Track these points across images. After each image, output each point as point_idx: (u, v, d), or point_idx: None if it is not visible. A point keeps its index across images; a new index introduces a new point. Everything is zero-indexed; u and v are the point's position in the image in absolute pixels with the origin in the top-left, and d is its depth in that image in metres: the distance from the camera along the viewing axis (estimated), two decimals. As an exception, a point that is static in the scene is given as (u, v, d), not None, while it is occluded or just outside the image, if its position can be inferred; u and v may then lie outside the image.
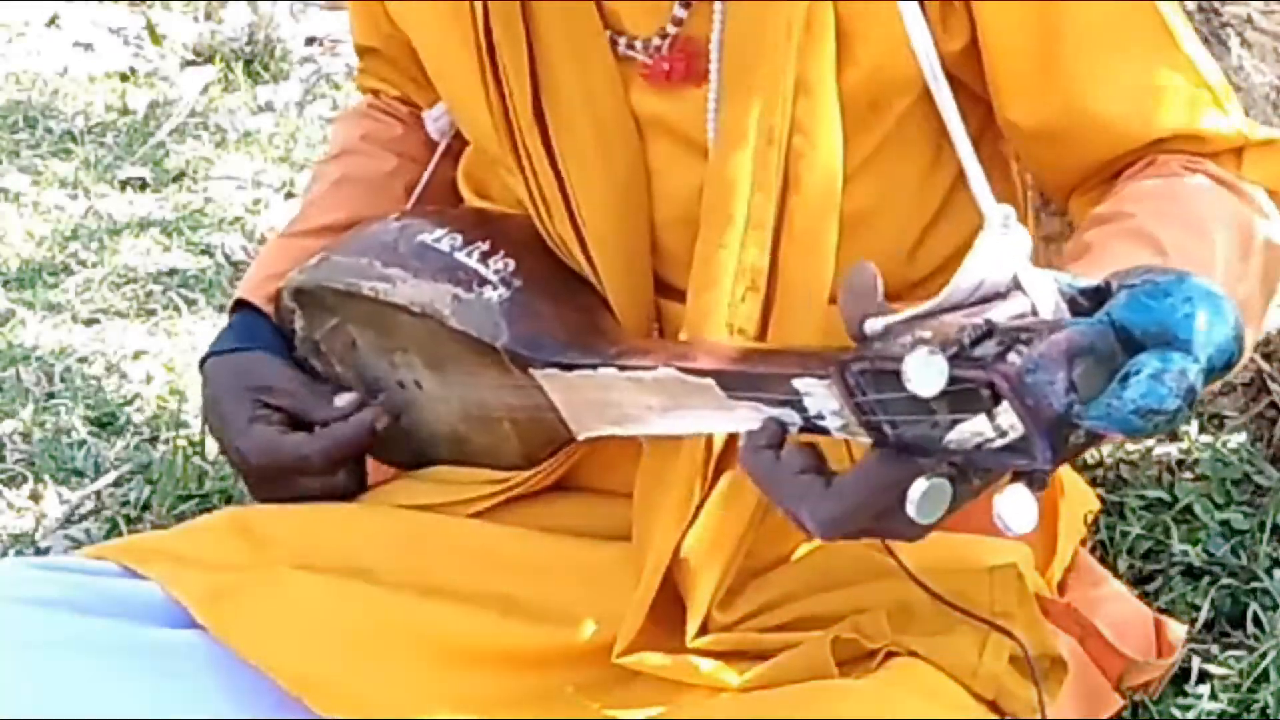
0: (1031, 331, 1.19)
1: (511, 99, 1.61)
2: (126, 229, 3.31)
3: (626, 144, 1.60)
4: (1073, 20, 1.53)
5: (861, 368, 1.27)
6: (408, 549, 1.62)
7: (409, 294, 1.62)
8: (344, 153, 1.87)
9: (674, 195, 1.59)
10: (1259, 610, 1.96)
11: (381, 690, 1.53)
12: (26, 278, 3.11)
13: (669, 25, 1.57)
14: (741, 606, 1.56)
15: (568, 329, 1.58)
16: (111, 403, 2.62)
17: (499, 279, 1.61)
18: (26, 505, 2.38)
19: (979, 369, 1.19)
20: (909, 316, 1.26)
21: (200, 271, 3.13)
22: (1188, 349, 1.16)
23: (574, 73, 1.60)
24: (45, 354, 2.77)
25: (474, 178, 1.77)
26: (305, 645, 1.54)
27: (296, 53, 4.50)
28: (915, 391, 1.19)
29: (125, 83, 4.32)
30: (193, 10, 4.78)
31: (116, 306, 2.98)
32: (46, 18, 4.71)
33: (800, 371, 1.34)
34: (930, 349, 1.19)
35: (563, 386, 1.56)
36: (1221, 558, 2.03)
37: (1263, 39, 2.21)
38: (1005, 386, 1.17)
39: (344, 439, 1.68)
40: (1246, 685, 1.85)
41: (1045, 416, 1.17)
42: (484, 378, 1.62)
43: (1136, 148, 1.56)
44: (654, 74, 1.59)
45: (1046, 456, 1.19)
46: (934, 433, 1.24)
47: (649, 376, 1.48)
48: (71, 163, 3.68)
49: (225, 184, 3.59)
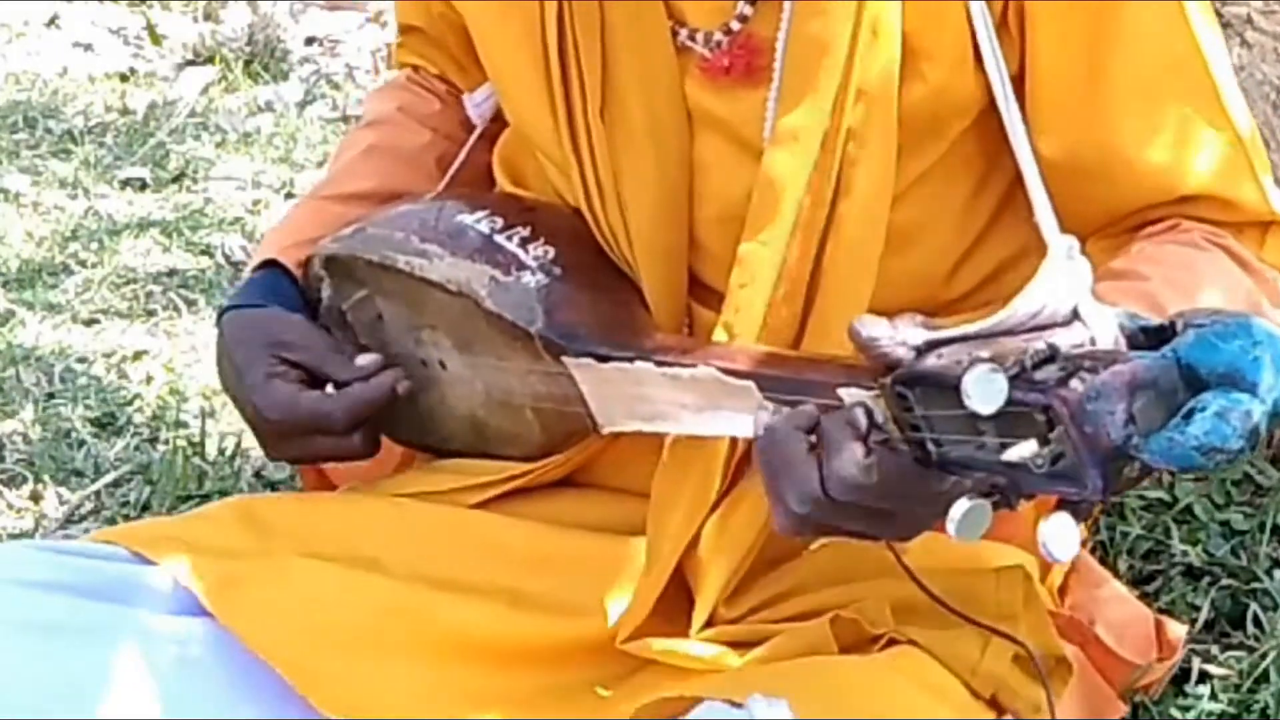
0: (1095, 360, 1.19)
1: (581, 90, 1.60)
2: (126, 229, 3.32)
3: (677, 137, 1.59)
4: (1122, 63, 1.53)
5: (911, 380, 1.27)
6: (414, 540, 1.62)
7: (445, 271, 1.61)
8: (378, 122, 1.86)
9: (719, 193, 1.59)
10: (1259, 610, 1.96)
11: (386, 687, 1.53)
12: (26, 278, 3.11)
13: (734, 21, 1.57)
14: (746, 601, 1.57)
15: (604, 321, 1.58)
16: (111, 403, 2.62)
17: (538, 265, 1.60)
18: (26, 505, 2.38)
19: (1039, 392, 1.18)
20: (961, 334, 1.26)
21: (200, 271, 3.13)
22: (1254, 390, 1.16)
23: (635, 62, 1.59)
24: (45, 354, 2.77)
25: (510, 164, 1.76)
26: (312, 639, 1.54)
27: (296, 53, 4.50)
28: (973, 408, 1.19)
29: (125, 83, 4.33)
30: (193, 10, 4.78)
31: (116, 306, 2.98)
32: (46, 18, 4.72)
33: (846, 381, 1.34)
34: (992, 366, 1.19)
35: (594, 377, 1.56)
36: (1221, 558, 2.03)
37: (1263, 39, 2.21)
38: (1064, 412, 1.17)
39: (365, 399, 1.65)
40: (1246, 685, 1.85)
41: (1101, 446, 1.17)
42: (513, 363, 1.61)
43: (1164, 201, 1.55)
44: (712, 68, 1.58)
45: (1097, 486, 1.18)
46: (978, 454, 1.24)
47: (687, 374, 1.48)
48: (71, 163, 3.68)
49: (225, 184, 3.59)
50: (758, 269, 1.53)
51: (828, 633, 1.51)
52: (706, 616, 1.55)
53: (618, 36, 1.59)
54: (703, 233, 1.60)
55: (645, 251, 1.59)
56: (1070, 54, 1.53)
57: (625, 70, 1.59)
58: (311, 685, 1.52)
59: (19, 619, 1.52)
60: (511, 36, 1.64)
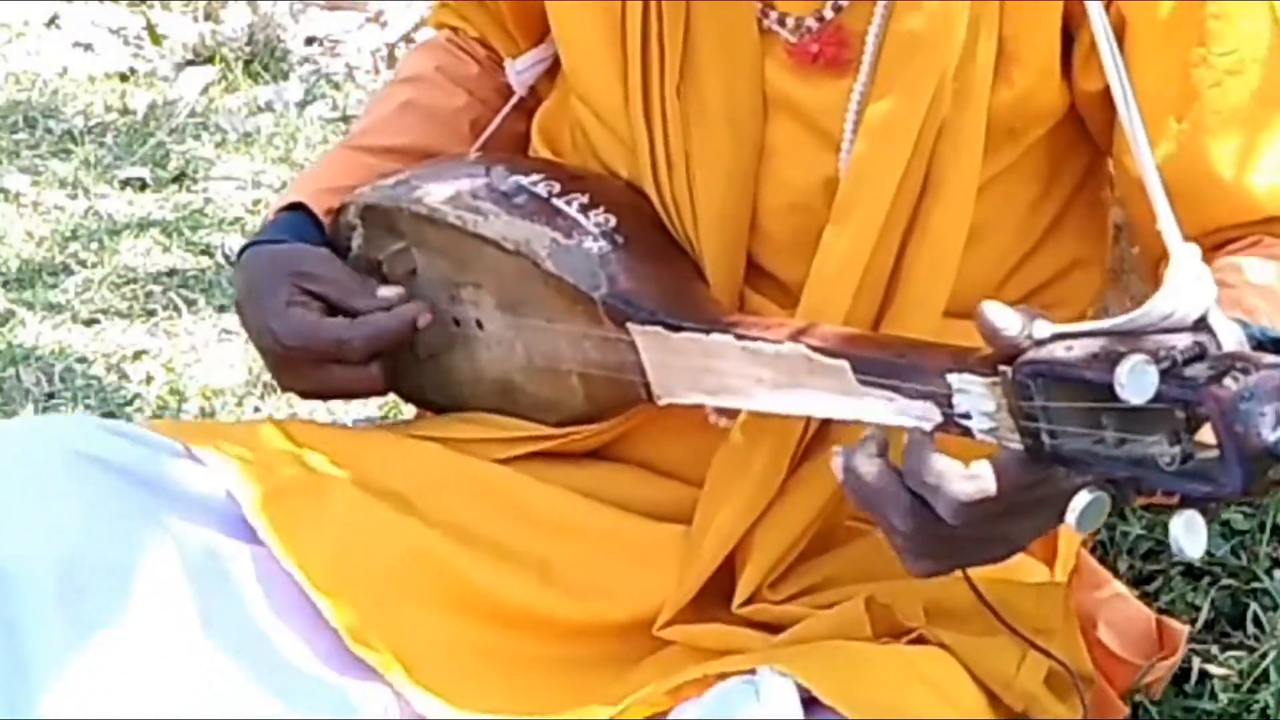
0: (1246, 361, 1.19)
1: (660, 65, 1.59)
2: (126, 229, 3.31)
3: (752, 118, 1.59)
4: (1216, 85, 1.54)
5: (1037, 371, 1.26)
6: (448, 488, 1.61)
7: (502, 229, 1.60)
8: (415, 79, 1.85)
9: (789, 180, 1.59)
10: (1259, 610, 1.96)
11: (411, 631, 1.53)
12: (26, 278, 3.11)
13: (828, 9, 1.57)
14: (788, 587, 1.57)
15: (667, 292, 1.56)
16: (111, 403, 2.62)
17: (600, 232, 1.59)
18: (26, 505, 2.38)
19: (1190, 388, 1.19)
20: (1089, 330, 1.26)
21: (200, 271, 3.13)
22: None
23: (717, 42, 1.59)
24: (45, 354, 2.77)
25: (549, 134, 1.76)
26: (345, 570, 1.54)
27: (296, 53, 4.50)
28: (1125, 398, 1.19)
29: (125, 83, 4.32)
30: (193, 10, 4.78)
31: (116, 306, 2.98)
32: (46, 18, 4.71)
33: (956, 366, 1.33)
34: (1145, 358, 1.19)
35: (660, 346, 1.54)
36: (1221, 558, 2.03)
37: (1263, 39, 2.21)
38: (1215, 409, 1.18)
39: (386, 328, 1.65)
40: (1246, 685, 1.85)
41: (1251, 446, 1.17)
42: (568, 326, 1.59)
43: (1249, 221, 1.56)
44: (800, 54, 1.58)
45: (1237, 486, 1.19)
46: (1096, 448, 1.24)
47: (771, 350, 1.46)
48: (71, 163, 3.68)
49: (225, 184, 3.59)
50: (843, 260, 1.53)
51: (863, 615, 1.52)
52: (749, 594, 1.56)
53: (702, 15, 1.59)
54: (767, 217, 1.60)
55: (710, 230, 1.59)
56: (1166, 74, 1.54)
57: (706, 49, 1.59)
58: (341, 615, 1.53)
59: (79, 492, 1.52)
60: (587, 13, 1.64)
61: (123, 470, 1.56)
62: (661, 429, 1.62)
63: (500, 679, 1.54)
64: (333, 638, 1.53)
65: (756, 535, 1.56)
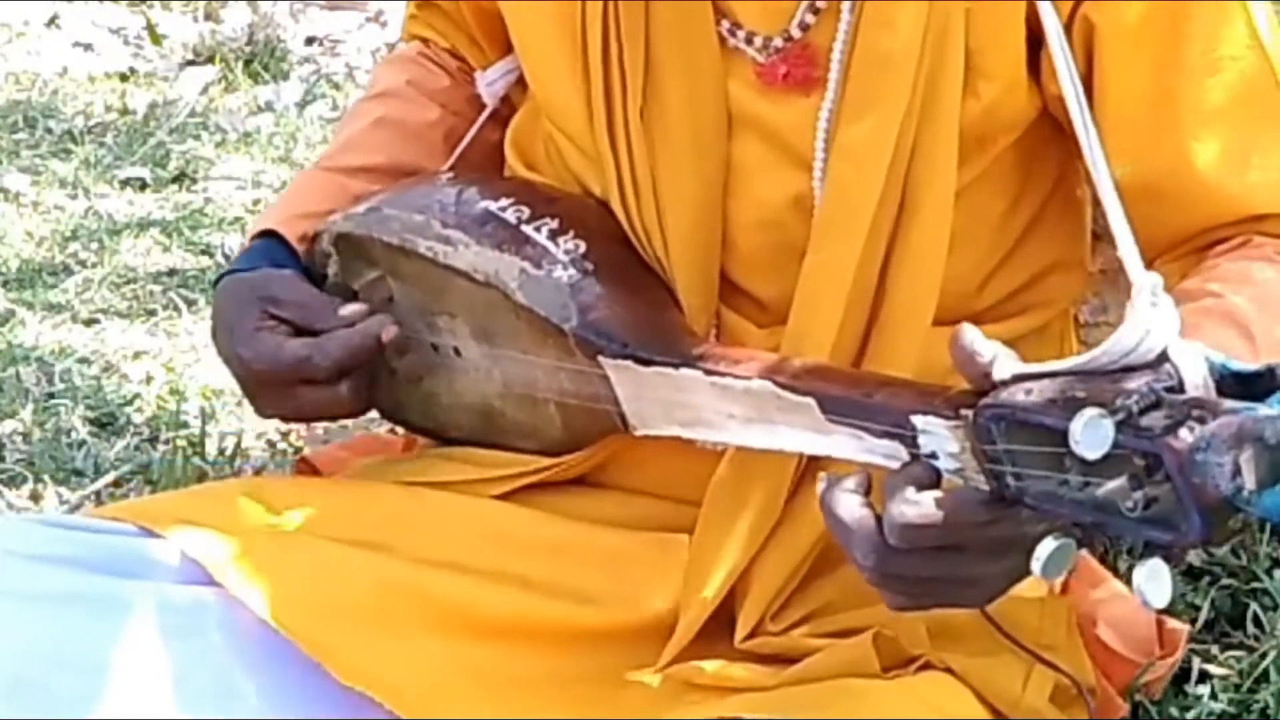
0: (1203, 409, 1.18)
1: (621, 86, 1.59)
2: (126, 229, 3.31)
3: (718, 138, 1.58)
4: (1192, 85, 1.53)
5: (998, 415, 1.25)
6: (425, 526, 1.60)
7: (472, 260, 1.59)
8: (386, 94, 1.83)
9: (759, 198, 1.58)
10: (1259, 610, 1.96)
11: (399, 659, 1.52)
12: (26, 278, 3.11)
13: (795, 29, 1.56)
14: (789, 616, 1.56)
15: (638, 321, 1.55)
16: (111, 403, 2.62)
17: (569, 259, 1.58)
18: (26, 505, 2.38)
19: (1146, 439, 1.18)
20: (1050, 370, 1.24)
21: (200, 271, 3.13)
22: None
23: (679, 62, 1.58)
24: (45, 354, 2.77)
25: (522, 146, 1.74)
26: (322, 610, 1.52)
27: (296, 53, 4.50)
28: (1081, 454, 1.17)
29: (125, 83, 4.32)
30: (193, 10, 4.78)
31: (116, 306, 2.98)
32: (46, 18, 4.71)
33: (923, 408, 1.32)
34: (1101, 412, 1.18)
35: (632, 379, 1.54)
36: (1221, 558, 2.03)
37: (1263, 39, 2.21)
38: (1173, 461, 1.16)
39: (349, 344, 1.63)
40: (1246, 685, 1.85)
41: (1209, 497, 1.16)
42: (540, 357, 1.58)
43: (1233, 221, 1.55)
44: (768, 74, 1.57)
45: (1197, 535, 1.18)
46: (1060, 490, 1.23)
47: (740, 386, 1.45)
48: (71, 163, 3.68)
49: (225, 184, 3.59)
50: (827, 284, 1.52)
51: (870, 651, 1.51)
52: (750, 630, 1.55)
53: (661, 33, 1.58)
54: (738, 236, 1.59)
55: (680, 250, 1.58)
56: (1139, 77, 1.53)
57: (667, 68, 1.58)
58: (324, 653, 1.50)
59: (25, 590, 1.51)
60: (549, 28, 1.63)
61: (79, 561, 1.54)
62: (648, 453, 1.61)
63: (491, 697, 1.52)
64: (317, 683, 1.51)
65: (755, 568, 1.55)
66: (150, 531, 1.57)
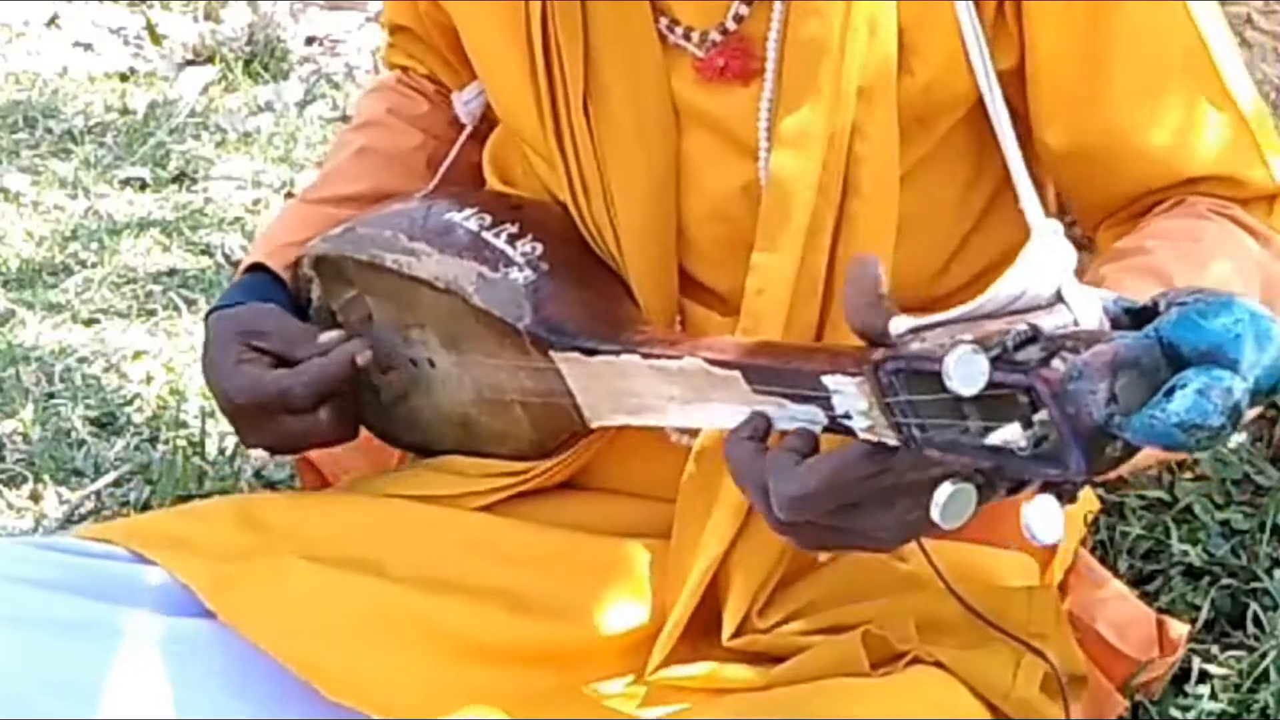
0: (1077, 340, 1.18)
1: (565, 88, 1.60)
2: (126, 229, 3.32)
3: (665, 134, 1.59)
4: (1121, 50, 1.53)
5: (896, 367, 1.26)
6: (415, 542, 1.61)
7: (433, 269, 1.61)
8: (369, 124, 1.86)
9: (710, 190, 1.59)
10: (1259, 610, 1.96)
11: (393, 680, 1.53)
12: (26, 278, 3.11)
13: (729, 21, 1.57)
14: (775, 613, 1.57)
15: (591, 316, 1.57)
16: (111, 403, 2.62)
17: (525, 261, 1.60)
18: (26, 505, 2.38)
19: (1020, 373, 1.18)
20: (942, 319, 1.25)
21: (200, 271, 3.13)
22: (1235, 368, 1.15)
23: (619, 59, 1.59)
24: (45, 354, 2.77)
25: (499, 161, 1.76)
26: (313, 634, 1.54)
27: (296, 53, 4.51)
28: (955, 390, 1.18)
29: (125, 83, 4.33)
30: (193, 10, 4.78)
31: (116, 306, 2.98)
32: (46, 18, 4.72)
33: (830, 369, 1.33)
34: (974, 348, 1.18)
35: (582, 372, 1.56)
36: (1221, 558, 2.03)
37: (1263, 39, 2.22)
38: (1046, 392, 1.17)
39: (325, 371, 1.64)
40: (1246, 685, 1.85)
41: (1084, 425, 1.16)
42: (501, 359, 1.61)
43: (1170, 184, 1.55)
44: (707, 68, 1.58)
45: (1080, 467, 1.18)
46: (963, 438, 1.23)
47: (674, 366, 1.47)
48: (71, 163, 3.68)
49: (225, 184, 3.59)
50: (774, 275, 1.53)
51: (859, 649, 1.51)
52: (735, 627, 1.55)
53: (601, 33, 1.59)
54: (693, 229, 1.60)
55: (633, 247, 1.60)
56: (1069, 44, 1.53)
57: (609, 67, 1.59)
58: (316, 675, 1.51)
59: (16, 615, 1.52)
60: (497, 32, 1.64)
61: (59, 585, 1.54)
62: (627, 453, 1.61)
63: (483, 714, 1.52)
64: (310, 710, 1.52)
65: (734, 562, 1.55)
66: (141, 556, 1.58)
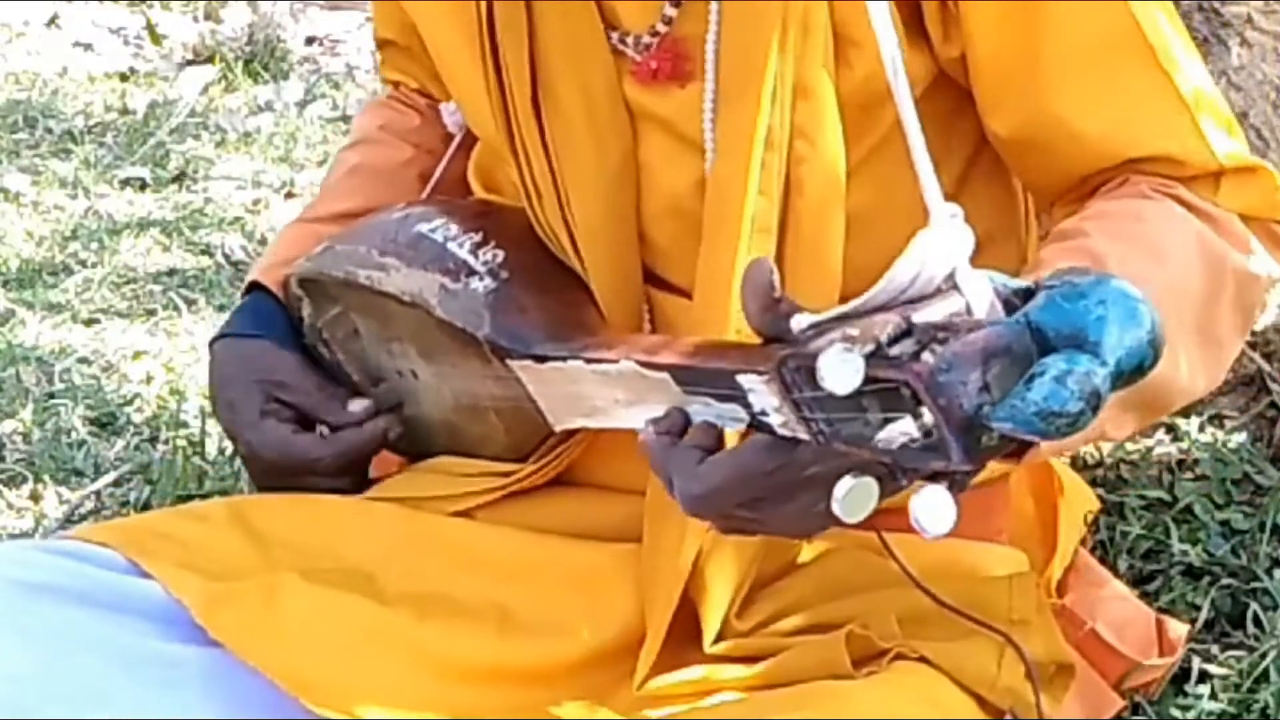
0: (949, 330, 1.17)
1: (510, 88, 1.61)
2: (126, 229, 3.32)
3: (619, 136, 1.60)
4: (1055, 35, 1.53)
5: (797, 364, 1.25)
6: (407, 552, 1.62)
7: (400, 283, 1.62)
8: (362, 141, 1.89)
9: (665, 189, 1.60)
10: (1259, 610, 1.96)
11: (379, 700, 1.53)
12: (26, 278, 3.11)
13: (659, 24, 1.58)
14: (755, 615, 1.56)
15: (549, 322, 1.58)
16: (111, 403, 2.62)
17: (486, 270, 1.61)
18: (26, 505, 2.38)
19: (895, 368, 1.17)
20: (839, 314, 1.24)
21: (200, 271, 3.13)
22: (1096, 351, 1.14)
23: (570, 64, 1.60)
24: (45, 354, 2.77)
25: (483, 170, 1.77)
26: (305, 654, 1.54)
27: (296, 53, 4.51)
28: (829, 389, 1.18)
29: (125, 83, 4.33)
30: (193, 10, 4.79)
31: (116, 306, 2.98)
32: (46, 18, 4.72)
33: (744, 368, 1.32)
34: (845, 346, 1.18)
35: (537, 378, 1.57)
36: (1221, 558, 2.03)
37: (1263, 39, 2.22)
38: (919, 385, 1.16)
39: (356, 446, 1.69)
40: (1246, 685, 1.85)
41: (956, 417, 1.15)
42: (469, 368, 1.62)
43: (1111, 165, 1.55)
44: (641, 72, 1.59)
45: (960, 457, 1.17)
46: (866, 431, 1.22)
47: (613, 370, 1.48)
48: (71, 163, 3.68)
49: (225, 184, 3.59)
50: (719, 275, 1.53)
51: (842, 649, 1.51)
52: (716, 630, 1.55)
53: (548, 38, 1.60)
54: (653, 228, 1.61)
55: (591, 248, 1.60)
56: (1007, 32, 1.53)
57: (557, 70, 1.60)
58: (306, 691, 1.52)
59: (18, 623, 1.52)
60: (452, 32, 1.65)
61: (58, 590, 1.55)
62: (613, 449, 1.61)
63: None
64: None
65: (708, 562, 1.55)
66: (137, 566, 1.58)
